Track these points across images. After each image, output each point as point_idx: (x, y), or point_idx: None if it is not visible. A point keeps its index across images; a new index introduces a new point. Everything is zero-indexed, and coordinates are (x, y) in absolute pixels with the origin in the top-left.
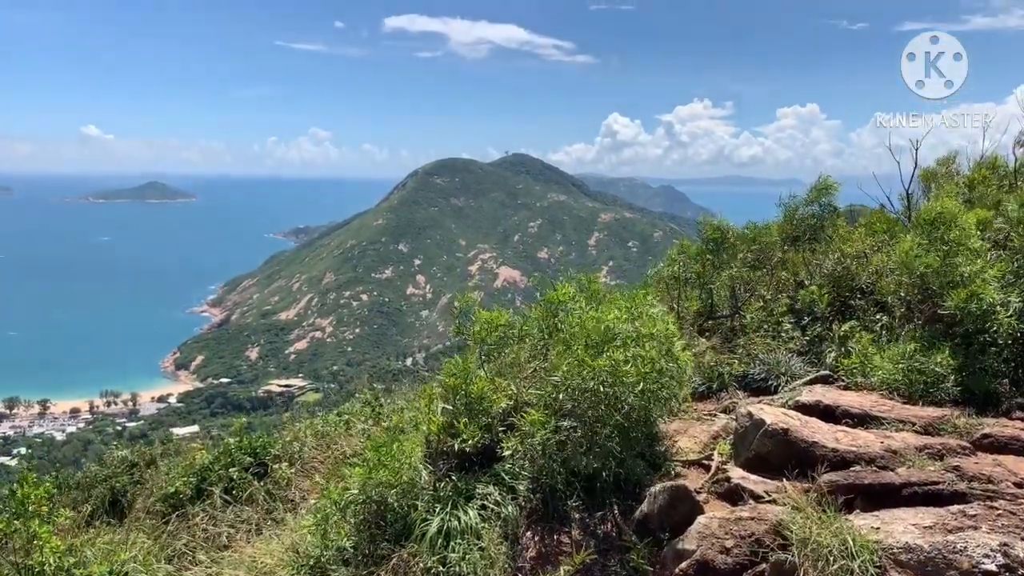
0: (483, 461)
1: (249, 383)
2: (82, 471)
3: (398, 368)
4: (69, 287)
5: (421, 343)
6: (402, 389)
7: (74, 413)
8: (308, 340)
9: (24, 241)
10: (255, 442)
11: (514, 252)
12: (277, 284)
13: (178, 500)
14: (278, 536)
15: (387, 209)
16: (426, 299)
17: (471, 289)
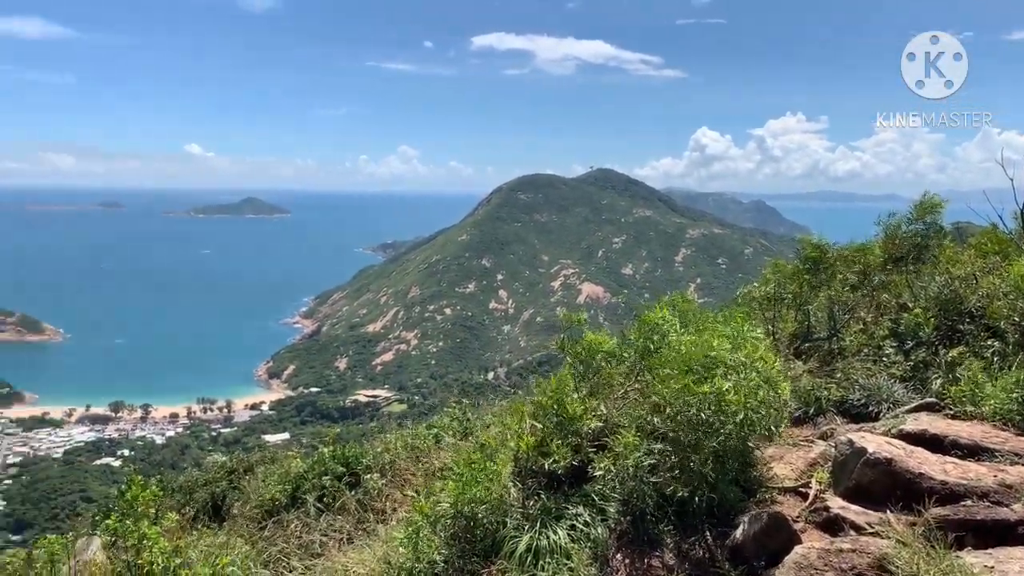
0: (572, 481)
1: (337, 393)
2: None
3: (480, 382)
4: (172, 297)
5: (503, 358)
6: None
7: (173, 418)
8: (394, 352)
9: (132, 253)
10: (347, 452)
11: (597, 268)
12: (365, 297)
13: (274, 507)
14: (370, 546)
15: (471, 225)
16: (508, 314)
17: (553, 305)
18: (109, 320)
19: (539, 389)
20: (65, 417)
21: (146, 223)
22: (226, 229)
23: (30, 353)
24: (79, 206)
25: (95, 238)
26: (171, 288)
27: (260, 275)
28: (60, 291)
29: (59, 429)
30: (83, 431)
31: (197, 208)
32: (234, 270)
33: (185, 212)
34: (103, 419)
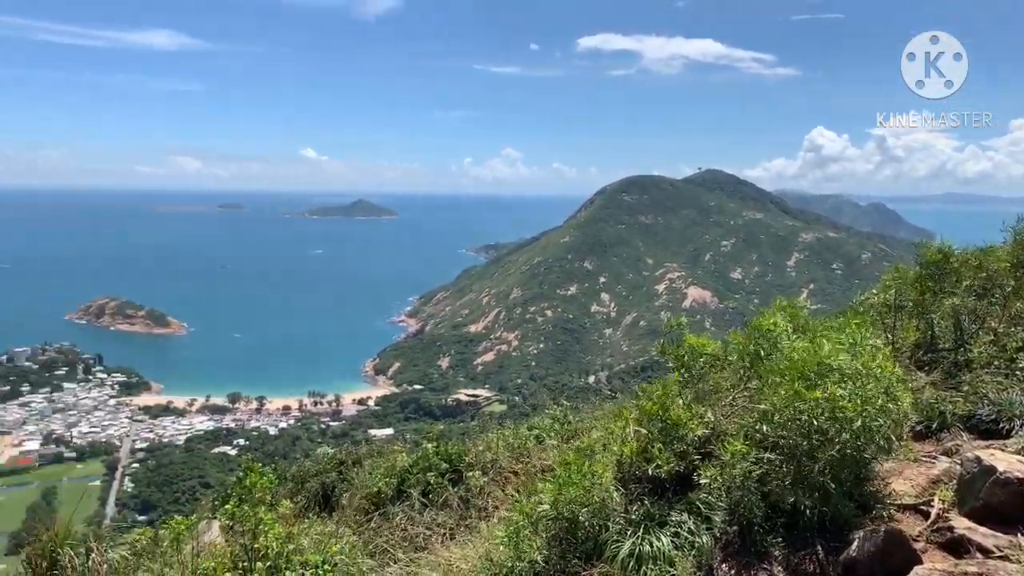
0: (676, 488)
1: (440, 391)
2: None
3: (580, 385)
4: (287, 295)
5: (604, 361)
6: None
7: (285, 410)
8: (495, 353)
9: (251, 252)
10: (450, 449)
11: (704, 271)
12: (468, 298)
13: (380, 499)
14: (472, 543)
15: (574, 226)
16: (610, 317)
17: (657, 309)
18: (229, 315)
19: (644, 394)
20: (187, 406)
21: (264, 224)
22: (337, 230)
23: (157, 345)
24: (203, 207)
25: (217, 238)
26: (286, 286)
27: (368, 274)
28: (185, 287)
29: (182, 418)
30: (203, 420)
31: (311, 210)
32: (344, 269)
33: (300, 213)
34: (221, 409)
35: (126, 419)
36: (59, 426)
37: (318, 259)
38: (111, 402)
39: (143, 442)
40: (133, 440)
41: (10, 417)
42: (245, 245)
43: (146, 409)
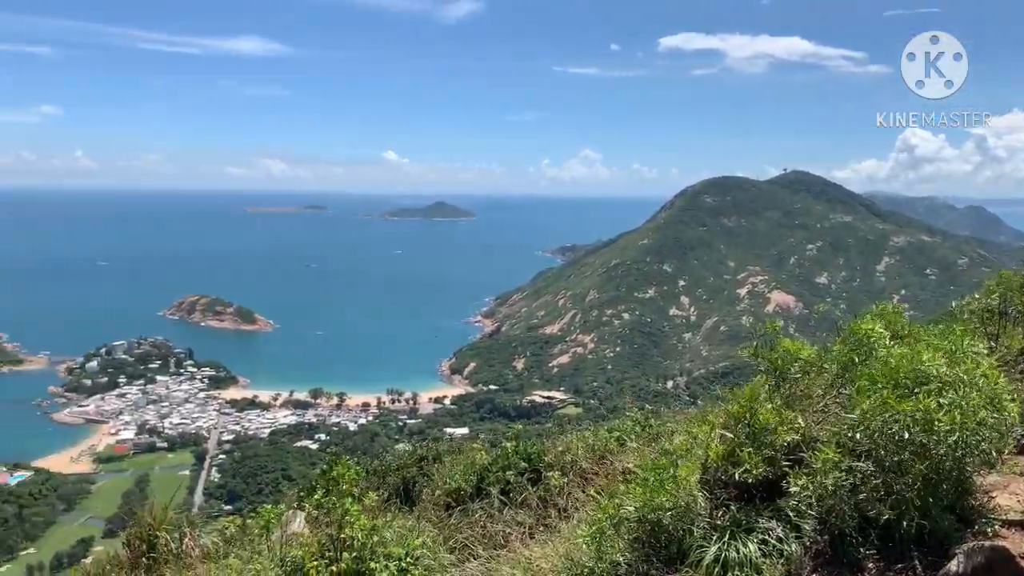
0: (763, 495)
1: (515, 392)
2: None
3: (658, 390)
4: (367, 294)
5: (683, 366)
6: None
7: (365, 407)
8: (570, 355)
9: (334, 252)
10: (530, 448)
11: (789, 276)
12: (544, 299)
13: (459, 496)
14: (552, 542)
15: (653, 228)
16: (689, 321)
17: (739, 314)
18: (312, 313)
19: (732, 397)
20: (272, 401)
21: (346, 225)
22: (416, 231)
23: (244, 341)
24: (289, 208)
25: (302, 238)
26: (366, 285)
27: (445, 275)
28: (271, 285)
29: (266, 411)
30: (286, 414)
31: (391, 211)
32: (422, 270)
33: (380, 215)
34: (304, 404)
35: (214, 412)
36: (152, 417)
37: (397, 259)
38: (200, 395)
39: (230, 434)
40: (220, 432)
41: (108, 407)
42: (328, 245)
43: (233, 402)
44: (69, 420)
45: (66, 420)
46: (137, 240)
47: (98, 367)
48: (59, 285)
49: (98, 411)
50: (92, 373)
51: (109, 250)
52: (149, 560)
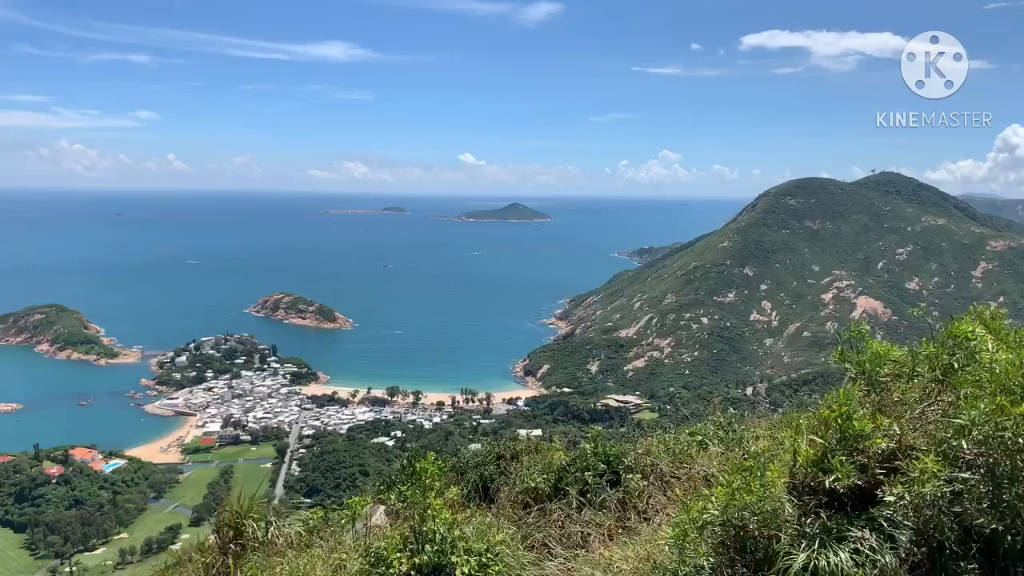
0: (855, 503)
1: (588, 395)
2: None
3: (737, 396)
4: (444, 294)
5: (763, 373)
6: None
7: (439, 406)
8: (646, 359)
9: (412, 253)
10: (609, 450)
11: (876, 281)
12: (619, 302)
13: (537, 495)
14: (632, 544)
15: (734, 231)
16: (771, 327)
17: (823, 319)
18: (390, 313)
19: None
20: (350, 397)
21: (424, 227)
22: (492, 232)
23: (325, 339)
24: (369, 210)
25: (381, 239)
26: (443, 286)
27: (520, 276)
28: (351, 285)
29: (345, 408)
30: (364, 411)
31: (467, 213)
32: (497, 271)
33: (457, 217)
34: (381, 402)
35: (296, 407)
36: (237, 411)
37: (473, 260)
38: (283, 390)
39: (310, 429)
40: (301, 427)
41: (196, 400)
42: (408, 246)
43: (313, 398)
44: (159, 412)
45: (157, 412)
46: (225, 240)
47: (187, 361)
48: (152, 282)
49: (186, 404)
50: (181, 367)
51: (198, 249)
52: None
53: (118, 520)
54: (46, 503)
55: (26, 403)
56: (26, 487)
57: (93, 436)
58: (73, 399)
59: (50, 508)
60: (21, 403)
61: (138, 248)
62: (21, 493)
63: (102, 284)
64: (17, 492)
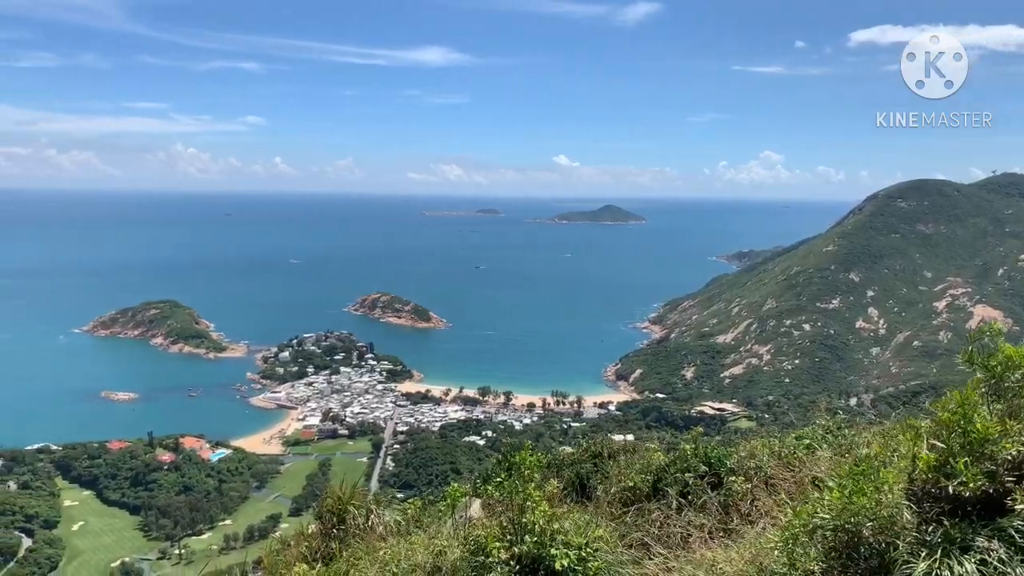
0: (980, 512)
1: (683, 401)
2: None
3: (840, 407)
4: (536, 295)
5: (869, 383)
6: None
7: (530, 407)
8: (744, 366)
9: (505, 255)
10: (710, 452)
11: (996, 289)
12: (716, 307)
13: (635, 495)
14: (735, 546)
15: (839, 234)
16: (878, 335)
17: (935, 328)
18: (483, 313)
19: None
20: (443, 396)
21: (517, 228)
22: (586, 234)
23: (419, 338)
24: (463, 212)
25: (474, 241)
26: (535, 288)
27: (614, 279)
28: (445, 286)
29: (437, 406)
30: (456, 410)
31: (561, 215)
32: (590, 273)
33: (550, 219)
34: (472, 401)
35: (391, 403)
36: (335, 405)
37: (566, 262)
38: (379, 387)
39: (404, 425)
40: (396, 423)
41: (297, 394)
42: (501, 247)
43: (408, 395)
44: (263, 405)
45: (260, 404)
46: (326, 240)
47: (289, 357)
48: (257, 280)
49: (288, 398)
50: (284, 362)
51: (301, 249)
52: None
53: (223, 507)
54: (158, 488)
55: (142, 393)
56: (141, 472)
57: (201, 426)
58: (184, 390)
59: (162, 492)
60: (138, 393)
61: (245, 247)
62: (136, 477)
63: (212, 281)
64: (133, 476)
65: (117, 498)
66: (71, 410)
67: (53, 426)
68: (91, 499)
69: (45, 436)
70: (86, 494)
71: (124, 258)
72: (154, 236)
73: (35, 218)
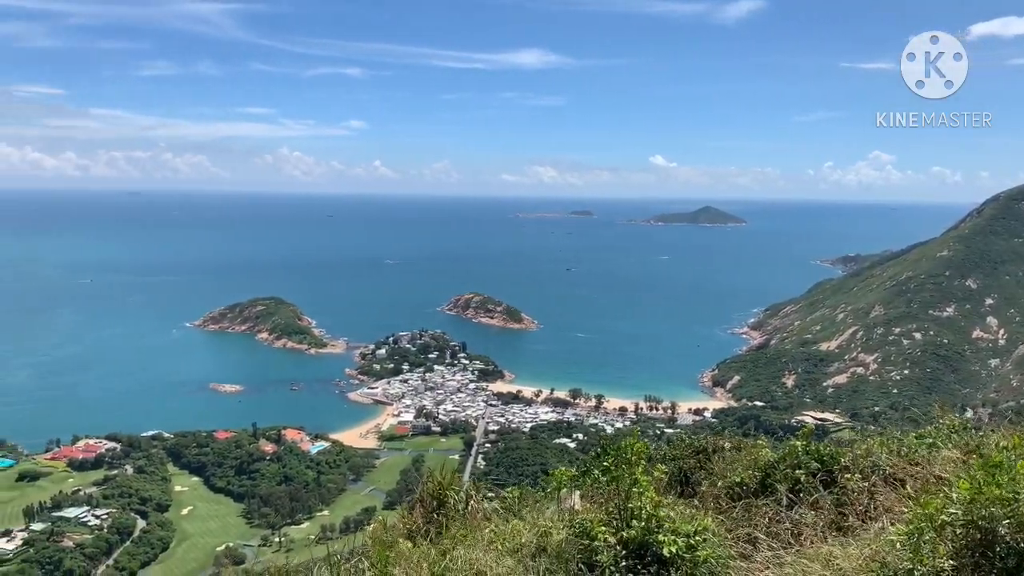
0: None
1: (782, 410)
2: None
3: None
4: (628, 298)
5: (987, 396)
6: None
7: (622, 411)
8: (848, 375)
9: (596, 256)
10: (822, 449)
11: None
12: (819, 313)
13: (741, 491)
14: (853, 543)
15: (955, 239)
16: (997, 346)
17: None
18: (575, 315)
19: None
20: (534, 396)
21: (610, 230)
22: (683, 237)
23: (511, 338)
24: (556, 214)
25: (567, 242)
26: (629, 290)
27: (711, 283)
28: (537, 287)
29: (528, 407)
30: (547, 411)
31: (656, 216)
32: (687, 277)
33: (645, 220)
34: (563, 403)
35: (482, 402)
36: (429, 402)
37: (661, 265)
38: (471, 386)
39: (495, 425)
40: (487, 422)
41: (392, 390)
42: (593, 248)
43: (499, 395)
44: (360, 400)
45: (358, 400)
46: (421, 242)
47: (386, 354)
48: (356, 280)
49: (384, 394)
50: (381, 359)
51: (397, 250)
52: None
53: (321, 498)
54: (261, 477)
55: (247, 386)
56: (245, 461)
57: (302, 419)
58: (286, 384)
59: (264, 482)
60: (243, 385)
61: (345, 248)
62: (241, 466)
63: (314, 280)
64: (238, 465)
65: (223, 485)
66: (182, 400)
67: (166, 415)
68: (199, 485)
69: (158, 424)
70: (194, 480)
71: (233, 257)
72: (261, 236)
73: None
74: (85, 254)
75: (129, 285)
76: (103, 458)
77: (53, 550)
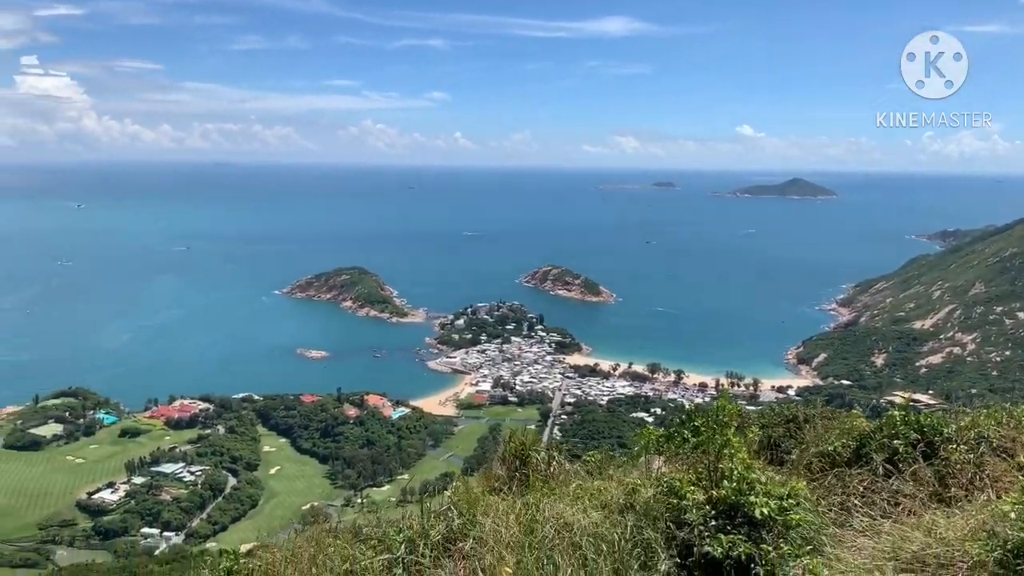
0: None
1: (871, 390)
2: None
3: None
4: (712, 272)
5: None
6: None
7: (702, 387)
8: (943, 355)
9: (678, 229)
10: (924, 419)
11: None
12: (914, 290)
13: (834, 460)
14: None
15: None
16: None
17: None
18: (653, 289)
19: None
20: (611, 370)
21: (694, 202)
22: (770, 209)
23: (588, 311)
24: (638, 186)
25: (648, 215)
26: (711, 264)
27: (799, 257)
28: (616, 260)
29: (605, 380)
30: (624, 385)
31: (742, 188)
32: (774, 251)
33: (730, 193)
34: (641, 377)
35: (559, 374)
36: (506, 373)
37: (747, 239)
38: (548, 358)
39: (571, 397)
40: (563, 394)
41: (470, 360)
42: (675, 222)
43: (576, 368)
44: (439, 368)
45: (437, 368)
46: (500, 213)
47: (464, 325)
48: (436, 251)
49: (462, 363)
50: (459, 330)
51: (476, 222)
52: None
53: (401, 462)
54: (344, 440)
55: (332, 352)
56: (329, 424)
57: (384, 385)
58: (369, 351)
59: (347, 445)
60: (328, 351)
61: (425, 219)
62: (326, 429)
63: (395, 250)
64: (323, 428)
65: (308, 447)
66: (271, 364)
67: (255, 378)
68: (286, 446)
69: (249, 386)
70: (282, 441)
71: (319, 227)
72: (345, 208)
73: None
74: (181, 223)
75: (222, 253)
76: (197, 418)
77: (152, 502)
